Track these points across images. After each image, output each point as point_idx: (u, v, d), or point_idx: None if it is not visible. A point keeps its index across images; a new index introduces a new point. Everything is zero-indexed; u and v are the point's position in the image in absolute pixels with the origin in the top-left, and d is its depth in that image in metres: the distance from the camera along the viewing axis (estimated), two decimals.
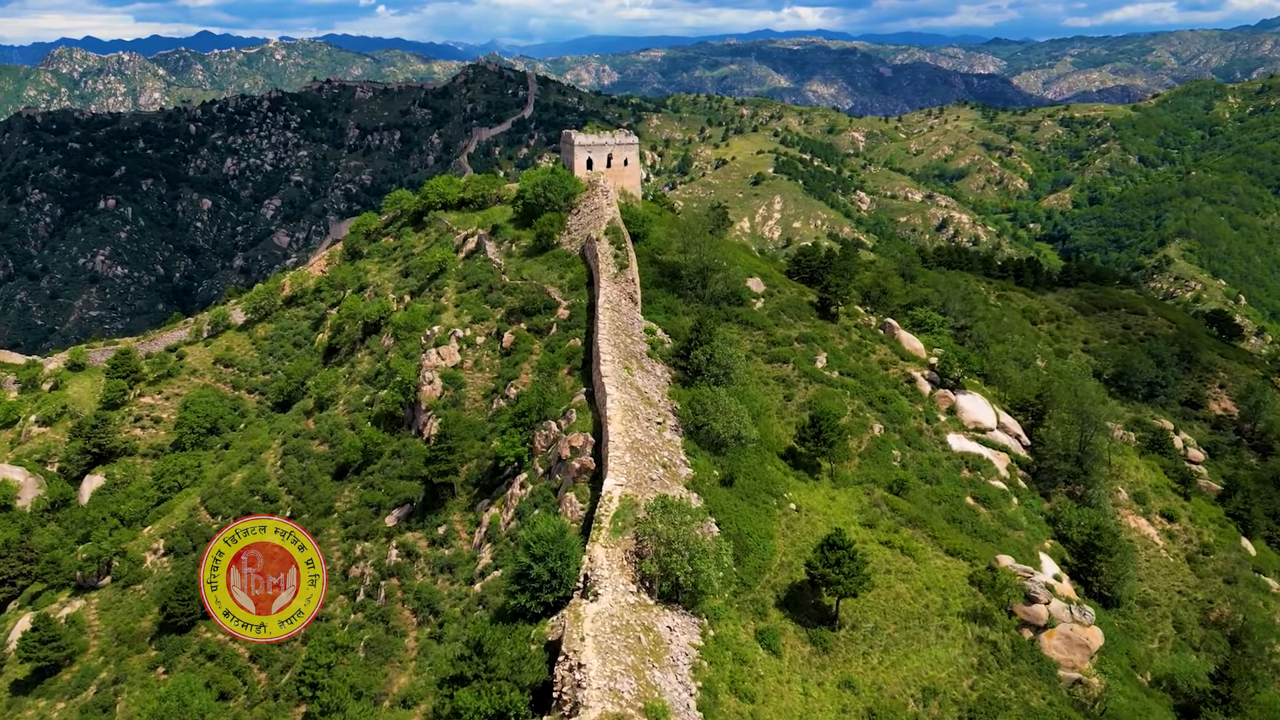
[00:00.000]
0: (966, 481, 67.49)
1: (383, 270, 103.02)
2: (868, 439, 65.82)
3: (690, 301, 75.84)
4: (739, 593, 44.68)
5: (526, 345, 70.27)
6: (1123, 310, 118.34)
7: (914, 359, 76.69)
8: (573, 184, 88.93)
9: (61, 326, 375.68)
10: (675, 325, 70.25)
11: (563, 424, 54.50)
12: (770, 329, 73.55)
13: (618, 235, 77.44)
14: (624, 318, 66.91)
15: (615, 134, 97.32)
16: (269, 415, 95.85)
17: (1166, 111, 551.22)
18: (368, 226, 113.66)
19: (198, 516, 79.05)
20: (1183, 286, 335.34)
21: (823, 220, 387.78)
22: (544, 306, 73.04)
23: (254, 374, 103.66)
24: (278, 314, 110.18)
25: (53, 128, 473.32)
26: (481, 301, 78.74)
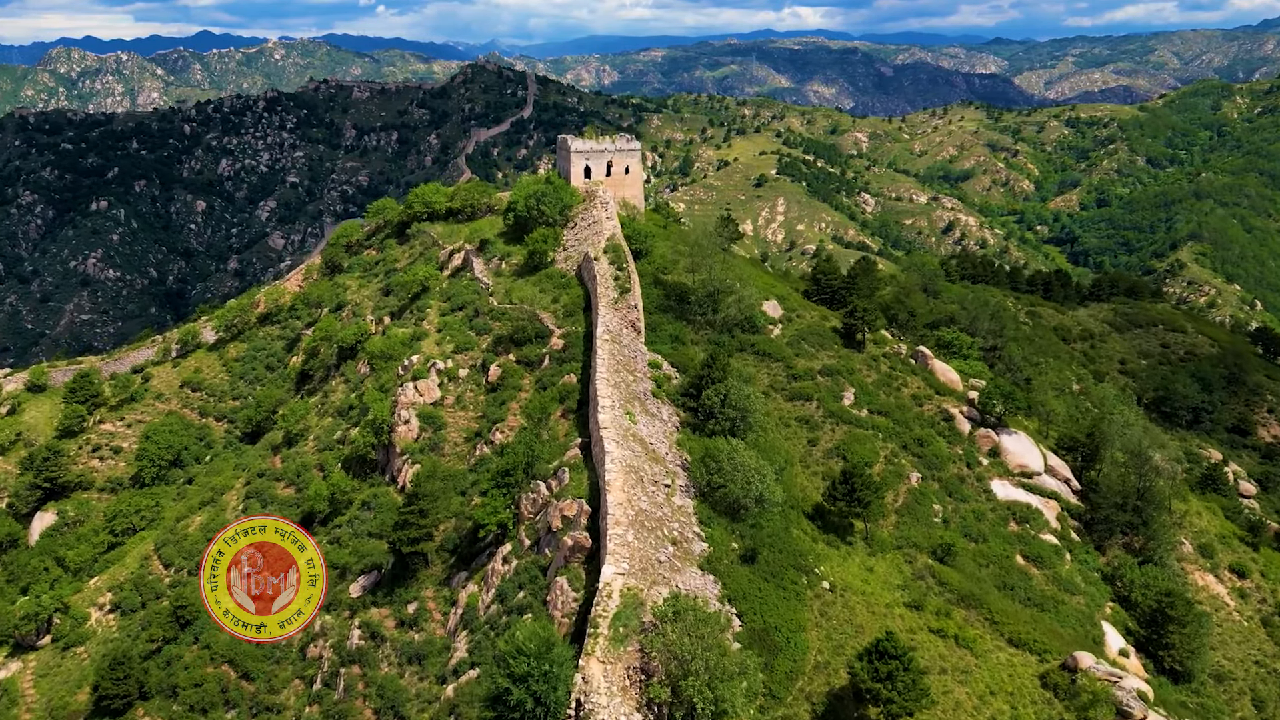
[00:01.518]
0: (1015, 536, 59.32)
1: (363, 287, 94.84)
2: (904, 490, 57.65)
3: (700, 328, 67.68)
4: (767, 707, 36.55)
5: (515, 380, 62.05)
6: (1160, 327, 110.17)
7: (950, 393, 68.45)
8: (569, 195, 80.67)
9: (52, 331, 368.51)
10: (684, 357, 62.09)
11: (554, 485, 46.32)
12: (790, 360, 65.32)
13: (618, 254, 69.24)
14: (625, 350, 58.75)
15: (616, 139, 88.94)
16: (236, 447, 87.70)
17: (1174, 112, 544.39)
18: (349, 238, 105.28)
19: (149, 567, 70.93)
20: (1196, 291, 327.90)
21: (827, 223, 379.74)
22: (535, 335, 64.86)
23: (223, 399, 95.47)
24: (250, 333, 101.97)
25: (46, 128, 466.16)
26: (466, 327, 70.51)
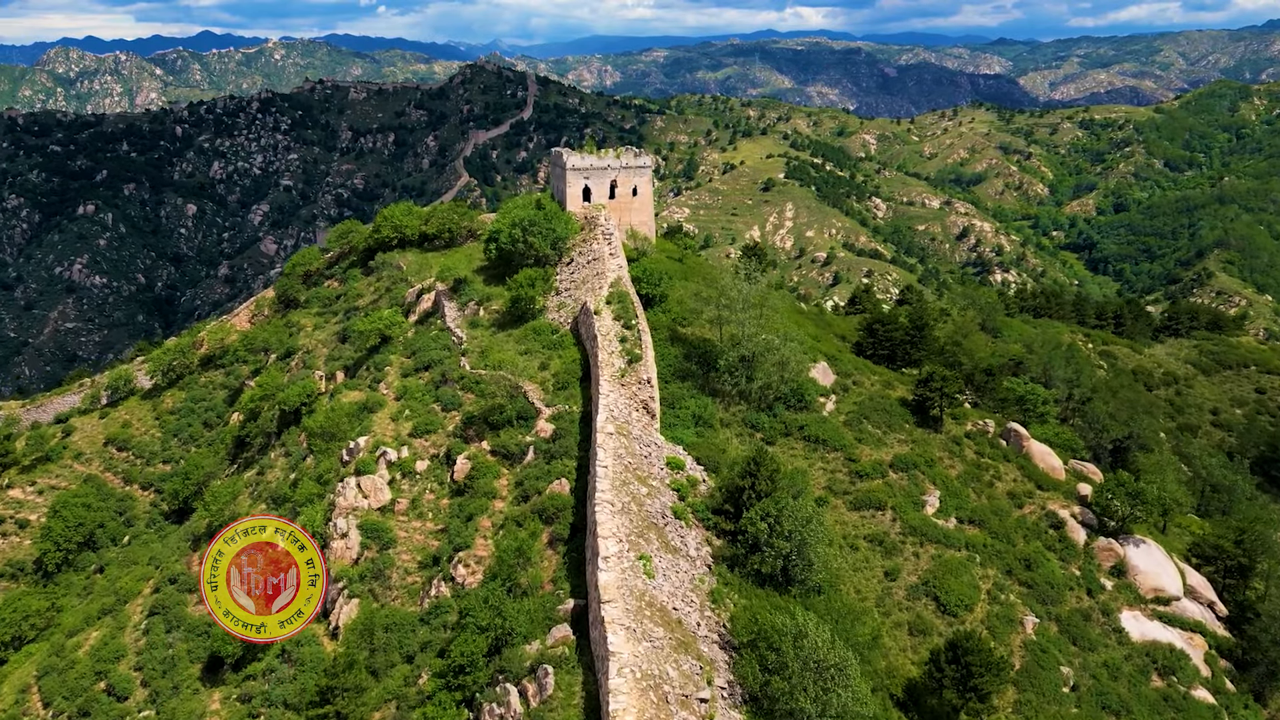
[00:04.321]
0: (1160, 698, 43.88)
1: (319, 328, 79.37)
2: (1018, 644, 42.18)
3: (731, 401, 52.25)
4: None
5: (488, 481, 46.55)
6: (1253, 368, 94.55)
7: (1054, 485, 52.85)
8: (563, 225, 64.92)
9: (36, 339, 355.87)
10: (713, 449, 46.69)
11: (531, 694, 30.81)
12: (851, 449, 49.83)
13: (625, 305, 53.78)
14: (636, 445, 43.33)
15: (621, 153, 72.85)
16: (160, 526, 72.27)
17: (1190, 113, 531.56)
18: (307, 266, 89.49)
19: (27, 702, 55.53)
20: (1226, 302, 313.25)
21: (837, 229, 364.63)
22: (517, 416, 49.40)
23: (152, 461, 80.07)
24: (190, 379, 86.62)
25: (35, 129, 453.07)
26: (430, 398, 54.99)
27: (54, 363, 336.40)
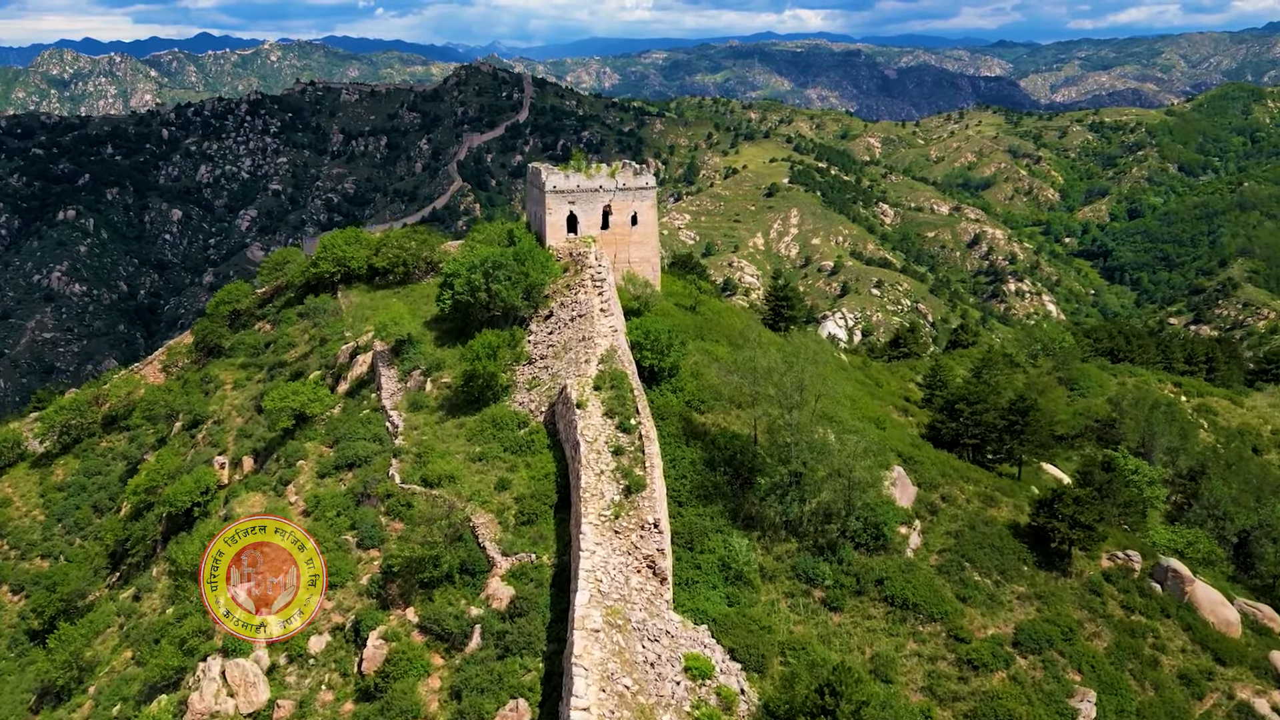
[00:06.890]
0: None
1: (239, 386, 63.20)
2: None
3: (777, 537, 36.13)
4: None
5: (410, 684, 30.30)
6: None
7: (1234, 653, 36.72)
8: (539, 267, 48.14)
9: (12, 350, 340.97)
10: (754, 629, 30.61)
11: None
12: (955, 616, 33.65)
13: (621, 392, 37.49)
14: (638, 647, 27.24)
15: (617, 170, 55.51)
16: (23, 649, 56.07)
17: (1204, 116, 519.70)
18: (235, 304, 72.46)
19: None
20: (1254, 314, 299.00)
21: (844, 236, 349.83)
22: (460, 570, 33.20)
23: (29, 555, 63.96)
24: (89, 444, 70.38)
25: (18, 132, 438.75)
26: (347, 520, 38.75)
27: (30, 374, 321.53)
